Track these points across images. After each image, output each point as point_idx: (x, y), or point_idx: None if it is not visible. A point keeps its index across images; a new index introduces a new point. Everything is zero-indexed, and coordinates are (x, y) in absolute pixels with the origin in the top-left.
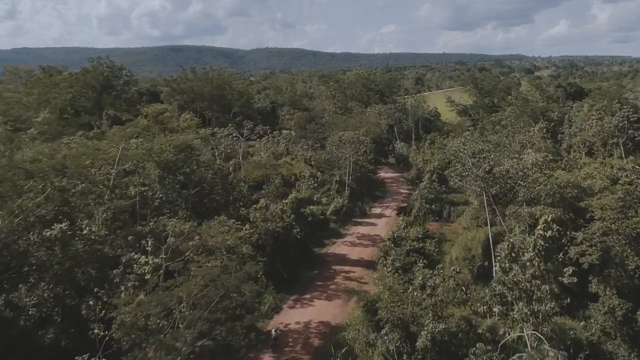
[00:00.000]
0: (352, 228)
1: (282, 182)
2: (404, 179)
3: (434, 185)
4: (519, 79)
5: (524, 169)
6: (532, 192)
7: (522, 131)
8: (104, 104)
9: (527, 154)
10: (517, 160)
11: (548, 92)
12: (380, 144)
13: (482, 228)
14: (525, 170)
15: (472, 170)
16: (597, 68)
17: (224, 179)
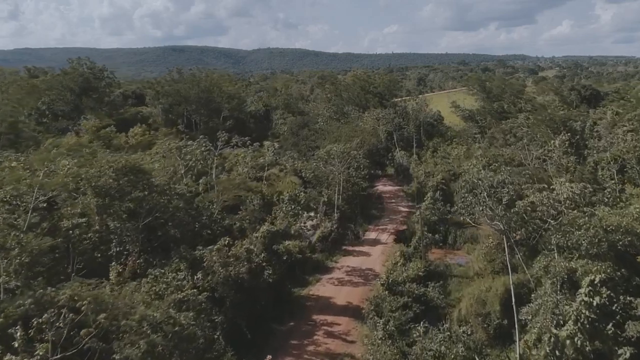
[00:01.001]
0: (341, 259)
1: (261, 203)
2: (403, 193)
3: (437, 205)
4: (524, 79)
5: (555, 203)
6: (568, 238)
7: (538, 142)
8: (84, 108)
9: (559, 182)
10: (547, 191)
11: (562, 95)
12: (377, 155)
13: (499, 276)
14: (558, 206)
15: (488, 205)
16: (602, 68)
17: (188, 202)
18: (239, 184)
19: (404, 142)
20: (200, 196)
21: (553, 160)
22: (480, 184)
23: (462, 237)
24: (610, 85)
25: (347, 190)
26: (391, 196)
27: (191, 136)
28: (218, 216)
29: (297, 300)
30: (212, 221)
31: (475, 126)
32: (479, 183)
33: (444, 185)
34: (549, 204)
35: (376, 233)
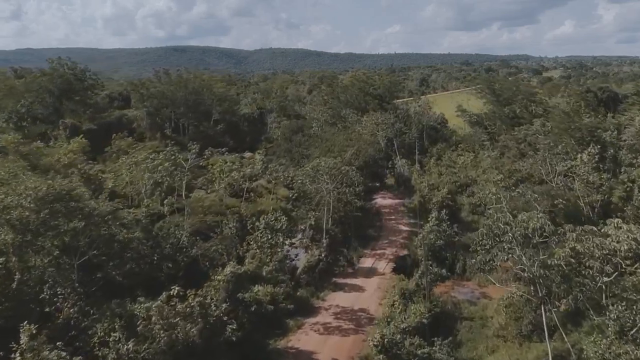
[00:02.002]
0: (330, 296)
1: (239, 227)
2: (405, 207)
3: (442, 226)
4: (529, 79)
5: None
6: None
7: (560, 155)
8: (65, 111)
9: (615, 225)
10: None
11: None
12: (375, 166)
13: (528, 342)
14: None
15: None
16: (607, 68)
17: (146, 230)
18: (209, 206)
19: (405, 149)
20: (162, 221)
21: (580, 176)
22: (508, 230)
23: (473, 265)
24: (619, 86)
25: (338, 210)
26: (391, 211)
27: (178, 141)
28: (185, 244)
29: (271, 355)
30: (178, 250)
31: (483, 132)
32: (507, 229)
33: (450, 201)
34: (602, 256)
35: (372, 260)
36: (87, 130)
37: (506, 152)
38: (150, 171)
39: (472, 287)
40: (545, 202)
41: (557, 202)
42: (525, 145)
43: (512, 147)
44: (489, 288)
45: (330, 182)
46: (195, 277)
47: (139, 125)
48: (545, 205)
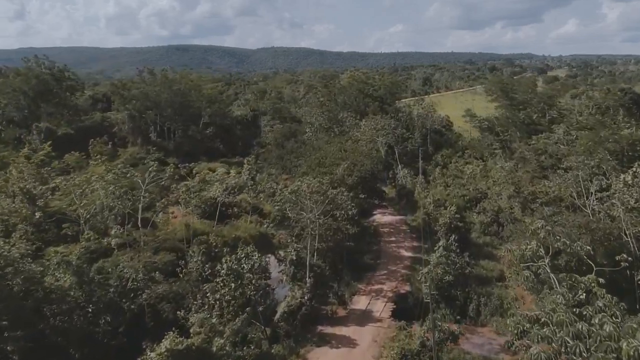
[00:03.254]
0: (312, 354)
1: (206, 260)
2: (407, 225)
3: (451, 257)
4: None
5: None
6: None
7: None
8: (41, 114)
9: None
10: None
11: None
12: (373, 180)
13: None
14: None
15: None
16: (612, 67)
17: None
18: (165, 240)
19: (407, 157)
20: (102, 260)
21: (623, 202)
22: None
23: (489, 306)
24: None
25: (326, 238)
26: (391, 231)
27: (163, 147)
28: (138, 285)
29: None
30: (124, 295)
31: (494, 139)
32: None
33: (458, 221)
34: None
35: (368, 299)
36: (64, 135)
37: (523, 164)
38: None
39: (488, 335)
40: (585, 238)
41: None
42: (546, 157)
43: (531, 159)
44: (509, 337)
45: (316, 208)
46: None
47: (120, 130)
48: (584, 241)
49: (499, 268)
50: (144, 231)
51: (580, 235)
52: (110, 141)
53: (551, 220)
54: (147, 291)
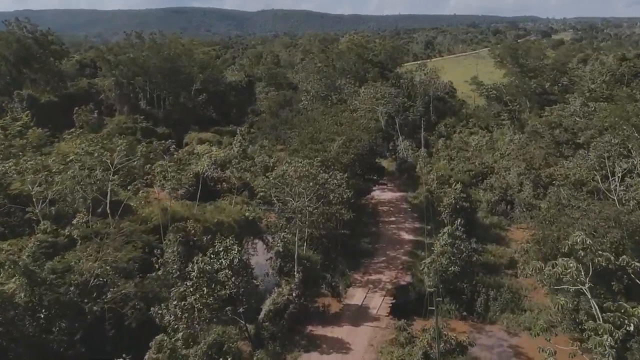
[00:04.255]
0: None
1: (184, 251)
2: (408, 203)
3: (457, 244)
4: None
5: None
6: None
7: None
8: (24, 81)
9: None
10: None
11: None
12: (372, 155)
13: None
14: None
15: None
16: (618, 30)
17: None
18: (132, 232)
19: (408, 128)
20: (60, 256)
21: None
22: None
23: (499, 302)
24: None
25: (318, 226)
26: (391, 210)
27: (152, 115)
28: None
29: None
30: (87, 295)
31: (503, 109)
32: None
33: (464, 201)
34: None
35: (364, 292)
36: (47, 102)
37: (535, 139)
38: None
39: (499, 334)
40: (614, 233)
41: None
42: (561, 131)
43: (545, 134)
44: (523, 338)
45: (305, 193)
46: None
47: (106, 97)
48: (614, 236)
49: (509, 253)
50: (109, 221)
51: (608, 229)
52: (96, 109)
53: (569, 205)
54: (112, 289)
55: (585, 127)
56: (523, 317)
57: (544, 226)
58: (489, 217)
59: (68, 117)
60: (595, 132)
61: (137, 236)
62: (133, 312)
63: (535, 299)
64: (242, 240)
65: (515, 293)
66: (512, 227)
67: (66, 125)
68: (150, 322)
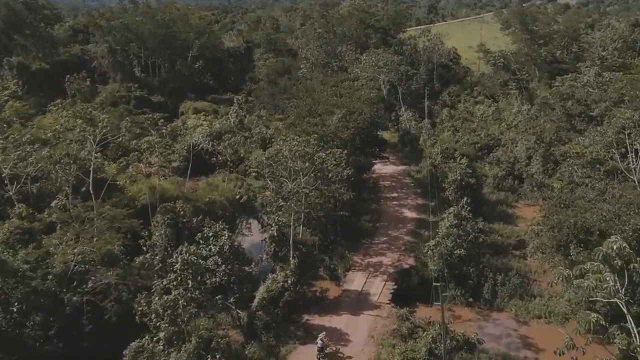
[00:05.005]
0: (295, 352)
1: (173, 234)
2: (410, 177)
3: (463, 225)
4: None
5: None
6: None
7: None
8: (14, 47)
9: None
10: None
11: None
12: (374, 126)
13: None
14: None
15: None
16: None
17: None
18: (113, 217)
19: (411, 97)
20: (32, 246)
21: None
22: None
23: (507, 287)
24: None
25: (315, 207)
26: (393, 185)
27: (147, 83)
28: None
29: None
30: (66, 284)
31: (510, 78)
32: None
33: (470, 177)
34: None
35: (364, 276)
36: (38, 70)
37: (545, 110)
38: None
39: (507, 322)
40: (638, 219)
41: None
42: (573, 103)
43: (557, 105)
44: (533, 327)
45: (301, 172)
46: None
47: (99, 65)
48: (637, 223)
49: (516, 233)
50: (91, 203)
51: (631, 215)
52: (89, 77)
53: (583, 184)
54: (93, 278)
55: (599, 99)
56: (533, 303)
57: (558, 210)
58: (495, 193)
59: (60, 85)
60: (610, 104)
61: (119, 220)
62: (113, 304)
63: (545, 284)
64: (235, 220)
65: (524, 277)
66: (519, 203)
67: (58, 93)
68: (133, 316)
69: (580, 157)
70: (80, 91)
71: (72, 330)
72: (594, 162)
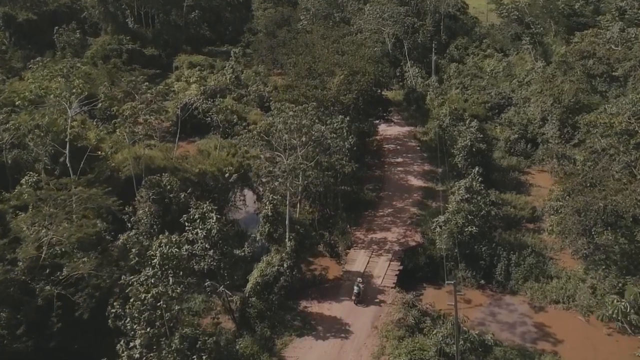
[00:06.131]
0: (291, 346)
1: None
2: (416, 140)
3: (475, 199)
4: None
5: None
6: None
7: None
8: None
9: None
10: None
11: None
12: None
13: None
14: None
15: None
16: None
17: None
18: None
19: (417, 52)
20: None
21: None
22: None
23: (522, 268)
24: None
25: (315, 182)
26: (398, 149)
27: (140, 35)
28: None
29: None
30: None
31: (524, 31)
32: None
33: (480, 141)
34: None
35: (367, 255)
36: (25, 21)
37: (563, 69)
38: None
39: (522, 308)
40: None
41: None
42: (595, 62)
43: (576, 65)
44: (550, 313)
45: (299, 146)
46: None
47: (90, 15)
48: None
49: (530, 203)
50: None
51: None
52: (79, 29)
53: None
54: (67, 263)
55: (623, 58)
56: (550, 286)
57: (584, 189)
58: (506, 157)
59: (49, 37)
60: (637, 63)
61: (94, 201)
62: (86, 299)
63: (563, 262)
64: (228, 193)
65: (540, 255)
66: (532, 169)
67: (47, 46)
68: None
69: (609, 127)
70: (69, 44)
71: (44, 326)
72: (622, 133)
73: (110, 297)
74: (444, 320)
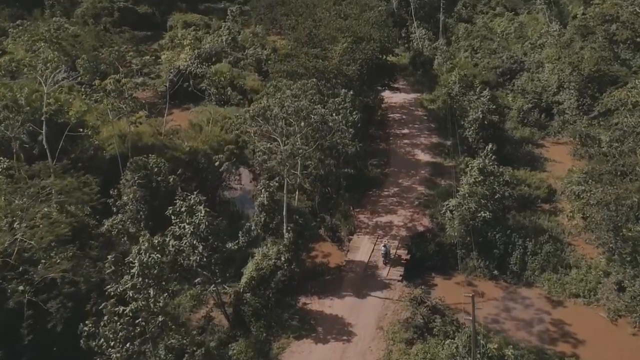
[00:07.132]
0: (289, 350)
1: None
2: (423, 109)
3: (489, 181)
4: None
5: None
6: None
7: None
8: None
9: None
10: None
11: None
12: (384, 51)
13: None
14: None
15: None
16: None
17: None
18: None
19: (424, 11)
20: None
21: None
22: None
23: (539, 257)
24: None
25: (316, 166)
26: (404, 118)
27: None
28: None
29: None
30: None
31: None
32: None
33: (492, 113)
34: None
35: (371, 242)
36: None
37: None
38: None
39: (539, 303)
40: None
41: None
42: (618, 27)
43: (595, 28)
44: (569, 309)
45: (297, 127)
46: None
47: None
48: None
49: (545, 181)
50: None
51: None
52: None
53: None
54: (42, 261)
55: None
56: (569, 277)
57: (614, 179)
58: (519, 128)
59: None
60: None
61: (69, 194)
62: (59, 307)
63: (582, 248)
64: (222, 172)
65: (557, 241)
66: (546, 141)
67: (35, 4)
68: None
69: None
70: (58, 1)
71: (14, 337)
72: None
73: (87, 305)
74: (454, 321)
